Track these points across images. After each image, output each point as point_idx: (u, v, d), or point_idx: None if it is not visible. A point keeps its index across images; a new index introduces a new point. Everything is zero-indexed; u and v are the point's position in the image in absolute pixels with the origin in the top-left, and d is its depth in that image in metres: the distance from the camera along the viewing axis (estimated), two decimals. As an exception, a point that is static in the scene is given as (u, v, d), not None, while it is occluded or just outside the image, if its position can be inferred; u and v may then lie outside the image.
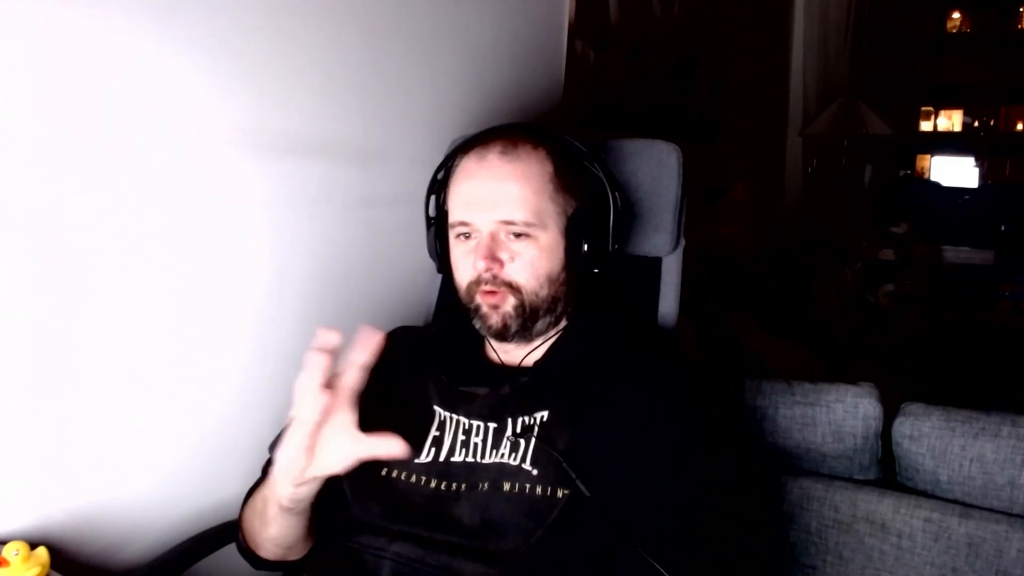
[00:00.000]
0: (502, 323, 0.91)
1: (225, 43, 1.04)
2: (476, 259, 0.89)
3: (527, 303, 0.91)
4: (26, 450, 0.90)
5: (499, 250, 0.90)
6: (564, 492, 0.83)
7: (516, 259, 0.90)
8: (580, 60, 2.13)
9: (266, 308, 1.16)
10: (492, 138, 0.94)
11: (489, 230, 0.90)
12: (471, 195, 0.92)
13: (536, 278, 0.91)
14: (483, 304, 0.92)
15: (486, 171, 0.91)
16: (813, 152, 4.46)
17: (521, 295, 0.91)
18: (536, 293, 0.91)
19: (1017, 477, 1.03)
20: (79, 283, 0.92)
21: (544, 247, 0.91)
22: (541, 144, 0.94)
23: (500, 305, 0.91)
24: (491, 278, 0.90)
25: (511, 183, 0.90)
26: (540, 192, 0.90)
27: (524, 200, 0.89)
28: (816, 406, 1.17)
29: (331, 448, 0.74)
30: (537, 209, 0.90)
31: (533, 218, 0.90)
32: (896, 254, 3.69)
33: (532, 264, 0.90)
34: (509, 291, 0.90)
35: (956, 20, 5.59)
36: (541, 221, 0.90)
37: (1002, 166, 5.75)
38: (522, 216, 0.89)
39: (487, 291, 0.91)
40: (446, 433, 0.91)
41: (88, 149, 0.91)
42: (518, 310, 0.91)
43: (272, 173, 1.14)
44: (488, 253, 0.89)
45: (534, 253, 0.90)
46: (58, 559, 0.87)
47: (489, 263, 0.89)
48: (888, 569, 1.10)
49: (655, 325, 1.14)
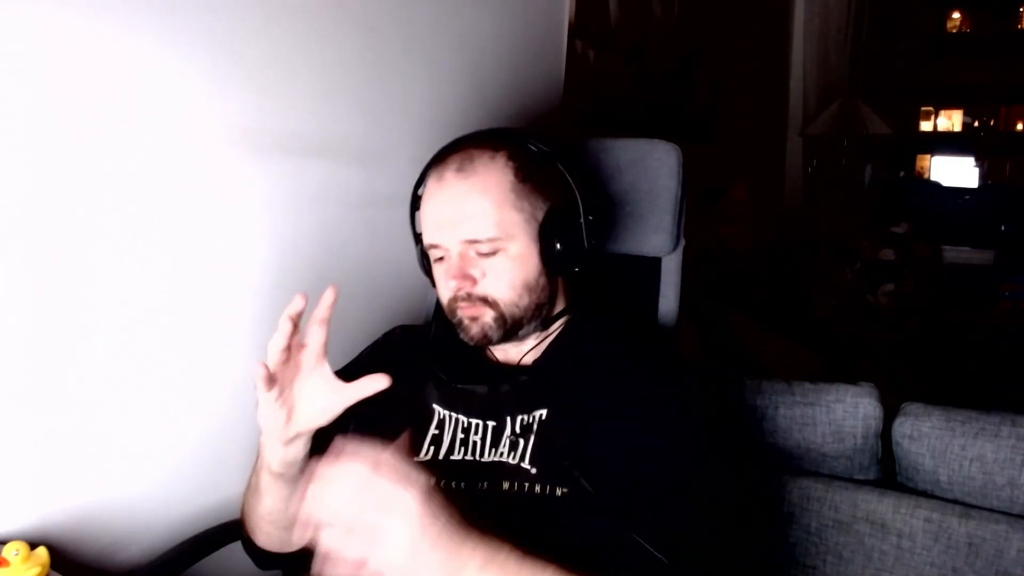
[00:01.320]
0: (482, 334, 0.91)
1: (225, 43, 1.04)
2: (447, 279, 0.90)
3: (507, 315, 0.90)
4: (26, 450, 0.90)
5: (469, 267, 0.89)
6: (563, 490, 0.83)
7: (487, 274, 0.90)
8: (580, 60, 2.13)
9: (266, 308, 1.16)
10: (449, 154, 0.92)
11: (457, 251, 0.90)
12: (434, 217, 0.91)
13: (512, 289, 0.90)
14: (464, 317, 0.92)
15: (445, 191, 0.90)
16: (813, 152, 4.46)
17: (499, 307, 0.90)
18: (516, 304, 0.90)
19: (1017, 477, 1.03)
20: (78, 283, 0.92)
21: (516, 257, 0.90)
22: (501, 151, 0.92)
23: (479, 317, 0.91)
24: (466, 296, 0.90)
25: (470, 199, 0.88)
26: (502, 204, 0.89)
27: (485, 215, 0.88)
28: (816, 406, 1.17)
29: (312, 402, 0.80)
30: (500, 222, 0.88)
31: (497, 232, 0.88)
32: (896, 254, 3.69)
33: (506, 276, 0.90)
34: (486, 305, 0.90)
35: (956, 20, 5.60)
36: (506, 233, 0.89)
37: (1002, 166, 5.76)
38: (485, 233, 0.88)
39: (465, 306, 0.91)
40: (445, 432, 0.91)
41: (88, 149, 0.91)
42: (498, 321, 0.90)
43: (272, 173, 1.14)
44: (459, 273, 0.89)
45: (506, 265, 0.89)
46: (58, 559, 0.87)
47: (460, 282, 0.89)
48: (888, 569, 1.09)
49: (655, 325, 1.14)
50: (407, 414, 0.94)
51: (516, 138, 0.95)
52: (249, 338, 1.14)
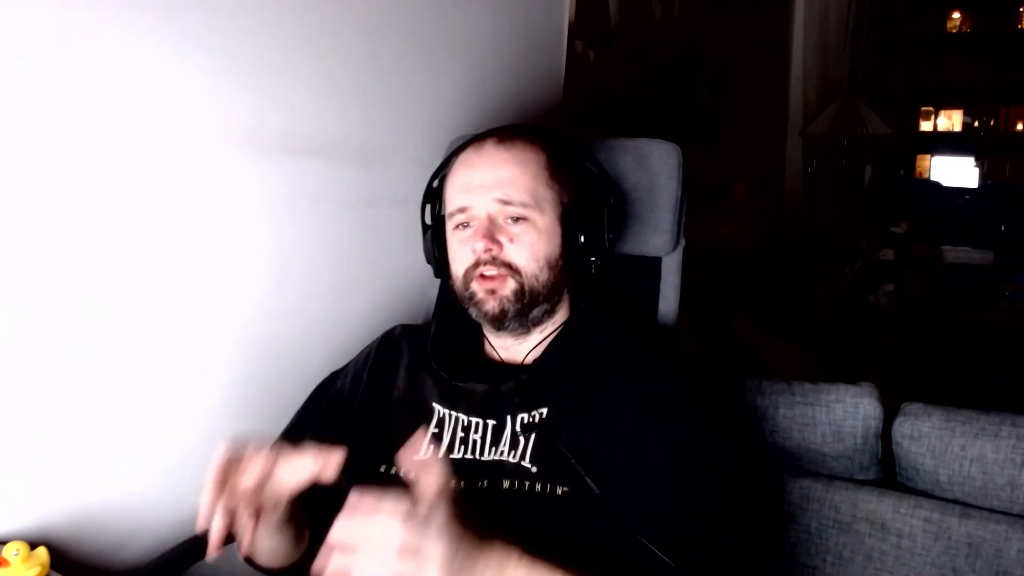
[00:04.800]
0: (499, 308, 0.91)
1: (225, 43, 1.04)
2: (475, 241, 0.90)
3: (526, 286, 0.91)
4: (26, 450, 0.90)
5: (498, 232, 0.91)
6: (564, 489, 0.83)
7: (515, 241, 0.91)
8: (580, 60, 2.13)
9: (266, 307, 1.16)
10: (487, 134, 0.97)
11: (488, 211, 0.91)
12: (469, 181, 0.94)
13: (536, 260, 0.92)
14: (479, 291, 0.92)
15: (483, 159, 0.93)
16: (813, 152, 4.46)
17: (521, 278, 0.91)
18: (536, 276, 0.92)
19: (1017, 477, 1.03)
20: (78, 283, 0.92)
21: (542, 230, 0.92)
22: (535, 139, 0.96)
23: (498, 290, 0.91)
24: (490, 259, 0.91)
25: (508, 166, 0.92)
26: (536, 177, 0.93)
27: (521, 182, 0.91)
28: (816, 406, 1.17)
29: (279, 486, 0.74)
30: (534, 192, 0.92)
31: (530, 199, 0.91)
32: (896, 254, 3.69)
33: (531, 246, 0.92)
34: (509, 273, 0.91)
35: (956, 20, 5.59)
36: (538, 204, 0.92)
37: (1002, 166, 5.75)
38: (519, 197, 0.91)
39: (485, 276, 0.91)
40: (445, 430, 0.91)
41: (88, 149, 0.91)
42: (517, 294, 0.91)
43: (272, 173, 1.14)
44: (487, 233, 0.90)
45: (533, 235, 0.92)
46: (58, 559, 0.87)
47: (488, 243, 0.90)
48: (888, 569, 1.09)
49: (655, 325, 1.14)
50: (407, 412, 0.94)
51: (548, 132, 1.00)
52: (249, 338, 1.14)
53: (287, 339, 1.19)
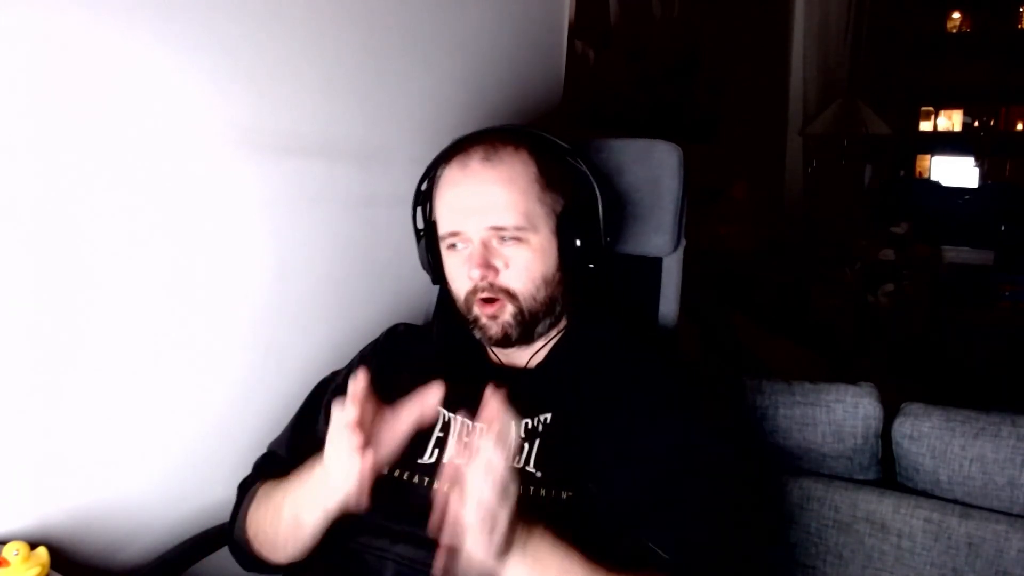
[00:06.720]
0: (502, 333, 0.91)
1: (225, 43, 1.04)
2: (470, 268, 0.89)
3: (525, 309, 0.91)
4: (26, 450, 0.90)
5: (492, 257, 0.89)
6: (568, 494, 0.82)
7: (510, 264, 0.90)
8: (580, 60, 2.13)
9: (266, 308, 1.16)
10: (471, 144, 0.93)
11: (480, 238, 0.89)
12: (457, 204, 0.91)
13: (532, 281, 0.90)
14: (481, 315, 0.91)
15: (470, 178, 0.90)
16: (813, 152, 4.46)
17: (519, 301, 0.90)
18: (534, 297, 0.91)
19: (1017, 477, 1.03)
20: (79, 283, 0.92)
21: (537, 249, 0.90)
22: (522, 144, 0.93)
23: (499, 315, 0.90)
24: (487, 286, 0.89)
25: (496, 188, 0.89)
26: (527, 193, 0.90)
27: (512, 204, 0.89)
28: (816, 406, 1.17)
29: None
30: (526, 211, 0.89)
31: (523, 221, 0.89)
32: (896, 254, 3.70)
33: (527, 268, 0.90)
34: (507, 298, 0.90)
35: (956, 20, 5.59)
36: (531, 223, 0.90)
37: (1002, 166, 5.76)
38: (512, 221, 0.88)
39: (484, 300, 0.90)
40: (449, 434, 0.91)
41: (88, 149, 0.91)
42: (517, 317, 0.90)
43: (272, 173, 1.14)
44: (482, 261, 0.89)
45: (528, 256, 0.90)
46: (58, 559, 0.87)
47: (483, 271, 0.89)
48: (888, 569, 1.09)
49: (656, 325, 1.14)
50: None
51: (535, 134, 0.96)
52: (249, 338, 1.14)
53: (287, 339, 1.19)
